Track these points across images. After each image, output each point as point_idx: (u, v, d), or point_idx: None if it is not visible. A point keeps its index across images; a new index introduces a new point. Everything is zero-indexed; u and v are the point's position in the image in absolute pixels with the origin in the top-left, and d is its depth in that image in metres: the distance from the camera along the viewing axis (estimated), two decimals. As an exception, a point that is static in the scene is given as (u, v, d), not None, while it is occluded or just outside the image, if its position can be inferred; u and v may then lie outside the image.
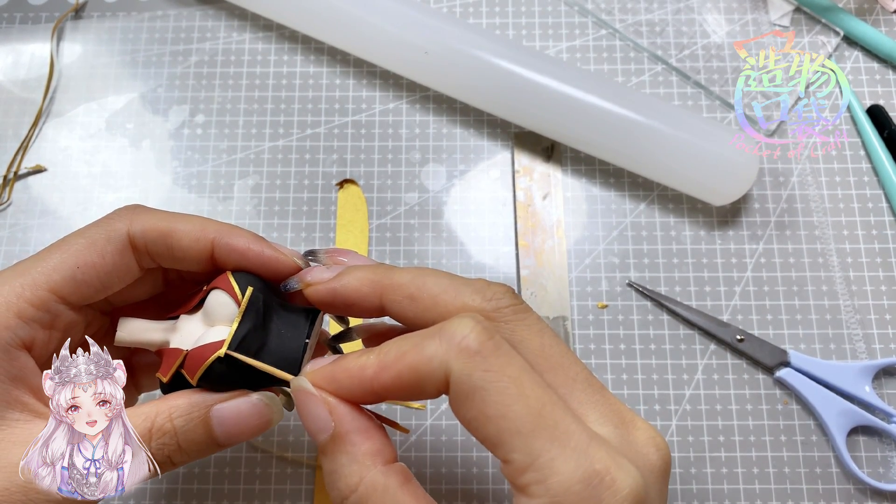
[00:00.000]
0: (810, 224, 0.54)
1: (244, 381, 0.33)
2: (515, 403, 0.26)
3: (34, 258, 0.33)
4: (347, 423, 0.29)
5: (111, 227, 0.34)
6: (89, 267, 0.33)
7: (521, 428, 0.26)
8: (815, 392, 0.49)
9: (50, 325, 0.33)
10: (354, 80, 0.58)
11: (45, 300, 0.32)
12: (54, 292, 0.32)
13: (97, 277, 0.33)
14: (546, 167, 0.55)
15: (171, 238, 0.34)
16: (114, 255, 0.33)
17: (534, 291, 0.52)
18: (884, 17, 0.58)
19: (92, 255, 0.33)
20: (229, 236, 0.34)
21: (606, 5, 0.59)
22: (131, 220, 0.34)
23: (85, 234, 0.34)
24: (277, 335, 0.33)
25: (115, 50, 0.59)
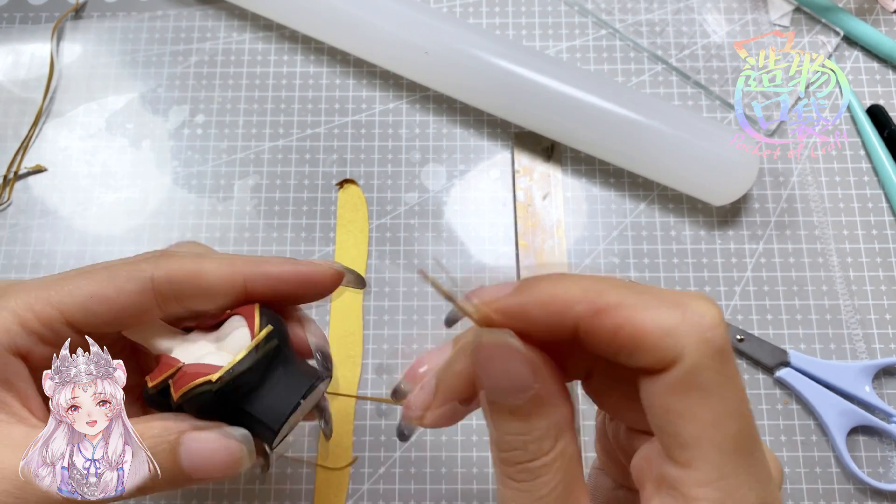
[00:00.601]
0: (810, 224, 0.54)
1: (226, 415, 0.32)
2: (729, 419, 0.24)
3: (59, 276, 0.33)
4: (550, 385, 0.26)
5: (137, 266, 0.33)
6: (102, 299, 0.32)
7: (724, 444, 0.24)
8: (815, 392, 0.49)
9: (52, 343, 0.32)
10: (354, 80, 0.58)
11: (50, 319, 0.32)
12: (62, 314, 0.32)
13: (108, 311, 0.33)
14: (546, 167, 0.55)
15: (200, 278, 0.33)
16: (130, 294, 0.33)
17: None
18: (884, 16, 0.58)
19: (108, 289, 0.33)
20: (262, 265, 0.33)
21: (606, 5, 0.59)
22: (157, 263, 0.33)
23: (111, 266, 0.33)
24: (274, 385, 0.32)
25: (115, 50, 0.59)
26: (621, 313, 0.24)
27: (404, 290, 0.53)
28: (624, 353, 0.24)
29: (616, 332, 0.24)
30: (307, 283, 0.34)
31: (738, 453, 0.24)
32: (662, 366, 0.24)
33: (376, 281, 0.53)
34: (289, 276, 0.34)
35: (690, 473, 0.24)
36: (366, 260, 0.53)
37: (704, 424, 0.24)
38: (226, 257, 0.34)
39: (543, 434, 0.25)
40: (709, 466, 0.24)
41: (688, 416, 0.24)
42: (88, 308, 0.32)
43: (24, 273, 0.53)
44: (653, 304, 0.24)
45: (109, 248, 0.54)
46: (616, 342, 0.24)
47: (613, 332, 0.24)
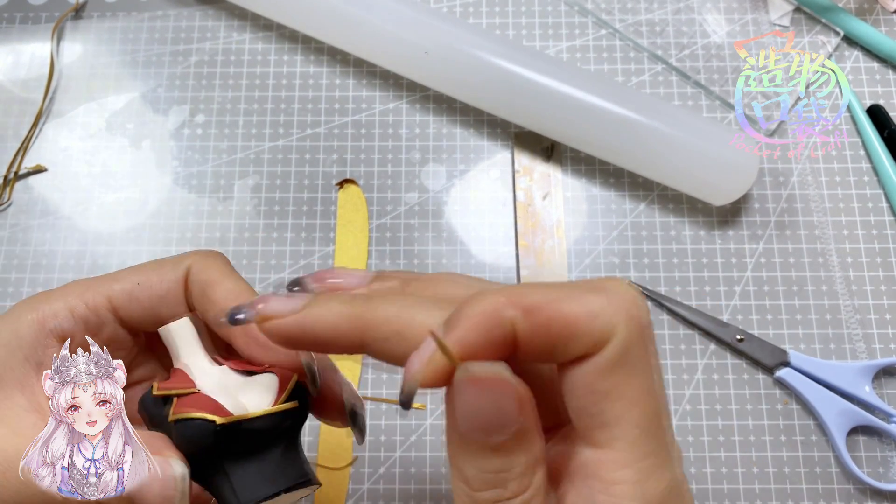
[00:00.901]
0: (810, 224, 0.54)
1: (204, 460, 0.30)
2: (649, 397, 0.24)
3: (110, 274, 0.34)
4: (533, 417, 0.24)
5: (180, 260, 0.34)
6: (146, 286, 0.33)
7: (641, 423, 0.24)
8: (814, 392, 0.49)
9: (94, 332, 0.33)
10: (354, 80, 0.58)
11: (97, 304, 0.33)
12: (110, 300, 0.33)
13: (149, 298, 0.33)
14: (546, 167, 0.55)
15: (210, 287, 0.33)
16: (169, 283, 0.34)
17: None
18: (884, 16, 0.58)
19: (153, 276, 0.34)
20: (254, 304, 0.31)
21: (606, 5, 0.59)
22: (197, 260, 0.34)
23: (160, 261, 0.35)
24: (265, 463, 0.30)
25: (115, 50, 0.59)
26: (550, 307, 0.24)
27: (404, 290, 0.53)
28: (559, 346, 0.24)
29: (549, 327, 0.24)
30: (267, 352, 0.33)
31: (654, 433, 0.25)
32: (595, 348, 0.24)
33: (376, 281, 0.53)
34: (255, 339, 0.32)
35: (609, 454, 0.24)
36: (366, 260, 0.53)
37: (628, 402, 0.24)
38: (238, 285, 0.34)
39: (524, 470, 0.24)
40: (629, 446, 0.24)
41: (614, 394, 0.24)
42: (133, 294, 0.33)
43: (24, 273, 0.53)
44: (576, 294, 0.24)
45: (110, 248, 0.54)
46: (550, 337, 0.24)
47: (546, 328, 0.24)
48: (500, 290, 0.25)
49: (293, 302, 0.28)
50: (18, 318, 0.32)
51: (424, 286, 0.29)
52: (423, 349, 0.25)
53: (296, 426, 0.31)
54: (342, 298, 0.28)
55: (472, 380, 0.24)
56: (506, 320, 0.24)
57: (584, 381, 0.24)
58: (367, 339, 0.27)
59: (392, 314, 0.26)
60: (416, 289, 0.29)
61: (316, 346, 0.28)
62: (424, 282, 0.29)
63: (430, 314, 0.26)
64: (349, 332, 0.27)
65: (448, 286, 0.29)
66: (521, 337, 0.24)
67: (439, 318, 0.25)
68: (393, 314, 0.26)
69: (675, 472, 0.25)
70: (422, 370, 0.24)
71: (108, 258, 0.53)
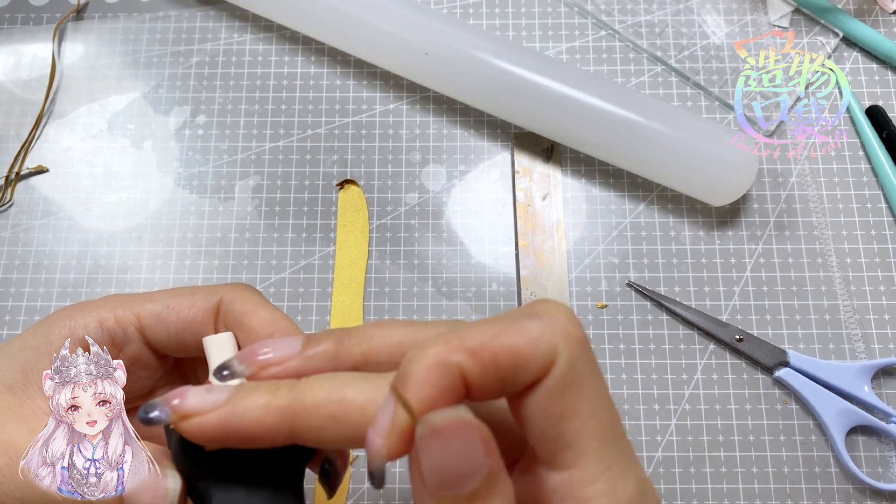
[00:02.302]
0: (809, 224, 0.54)
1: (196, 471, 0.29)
2: (602, 407, 0.25)
3: (151, 292, 0.35)
4: (499, 456, 0.23)
5: (214, 290, 0.34)
6: (175, 310, 0.34)
7: (603, 434, 0.24)
8: (814, 392, 0.49)
9: (119, 347, 0.33)
10: (355, 81, 0.58)
11: (125, 321, 0.33)
12: (138, 318, 0.33)
13: (176, 322, 0.34)
14: (546, 168, 0.55)
15: (246, 317, 0.33)
16: (199, 311, 0.34)
17: (534, 291, 0.52)
18: (882, 17, 0.58)
19: (184, 302, 0.34)
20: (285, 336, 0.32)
21: (606, 6, 0.59)
22: (230, 290, 0.34)
23: (195, 288, 0.35)
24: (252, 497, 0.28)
25: (116, 51, 0.59)
26: (493, 344, 0.24)
27: (404, 290, 0.53)
28: (509, 378, 0.24)
29: (495, 363, 0.24)
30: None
31: (614, 440, 0.25)
32: (543, 373, 0.24)
33: (376, 281, 0.53)
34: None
35: (577, 473, 0.24)
36: (366, 260, 0.53)
37: (584, 418, 0.24)
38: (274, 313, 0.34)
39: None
40: (594, 460, 0.24)
41: (569, 413, 0.24)
42: (161, 316, 0.33)
43: (25, 273, 0.53)
44: (513, 324, 0.24)
45: (111, 249, 0.54)
46: (499, 372, 0.24)
47: (493, 364, 0.24)
48: (438, 337, 0.24)
49: (213, 396, 0.26)
50: (54, 324, 0.33)
51: (359, 341, 0.28)
52: (378, 422, 0.24)
53: (295, 469, 0.29)
54: (267, 388, 0.26)
55: (436, 431, 0.23)
56: (453, 366, 0.24)
57: (538, 407, 0.24)
58: (300, 428, 0.25)
59: (322, 398, 0.25)
60: (351, 346, 0.28)
61: (243, 443, 0.26)
62: (358, 336, 0.28)
63: (361, 390, 0.25)
64: (279, 424, 0.25)
65: (383, 336, 0.28)
66: (471, 378, 0.24)
67: (372, 391, 0.25)
68: (323, 398, 0.25)
69: (638, 471, 0.25)
70: (385, 442, 0.23)
71: (110, 258, 0.54)
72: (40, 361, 0.32)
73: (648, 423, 0.50)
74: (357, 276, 0.53)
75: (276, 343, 0.28)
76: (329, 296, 0.53)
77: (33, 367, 0.32)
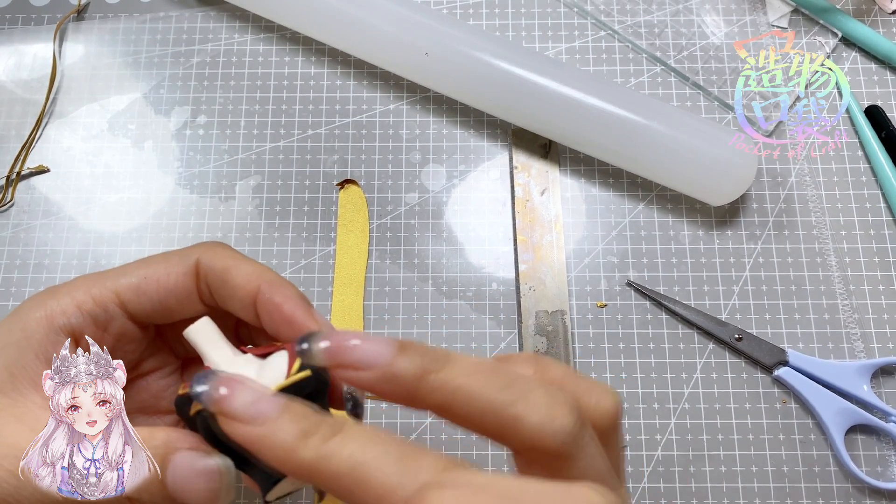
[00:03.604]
0: (808, 224, 0.54)
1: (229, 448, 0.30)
2: None
3: (116, 267, 0.35)
4: None
5: (187, 252, 0.35)
6: (153, 280, 0.34)
7: None
8: (813, 391, 0.49)
9: (103, 327, 0.33)
10: (355, 82, 0.58)
11: (105, 299, 0.33)
12: (116, 294, 0.33)
13: (157, 291, 0.34)
14: (544, 164, 0.55)
15: (228, 273, 0.34)
16: (178, 276, 0.34)
17: (532, 286, 0.52)
18: (881, 18, 0.58)
19: (160, 270, 0.34)
20: (273, 287, 0.33)
21: (606, 7, 0.59)
22: (205, 250, 0.35)
23: (166, 254, 0.35)
24: None
25: (116, 51, 0.59)
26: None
27: (404, 290, 0.53)
28: None
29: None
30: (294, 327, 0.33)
31: None
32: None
33: (376, 281, 0.53)
34: (283, 316, 0.33)
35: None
36: (366, 260, 0.53)
37: None
38: (260, 266, 0.34)
39: None
40: None
41: None
42: (140, 288, 0.33)
43: (26, 273, 0.53)
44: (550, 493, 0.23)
45: (112, 249, 0.54)
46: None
47: None
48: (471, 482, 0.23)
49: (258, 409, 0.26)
50: (27, 316, 0.32)
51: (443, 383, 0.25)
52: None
53: (315, 394, 0.30)
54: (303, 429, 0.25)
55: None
56: None
57: None
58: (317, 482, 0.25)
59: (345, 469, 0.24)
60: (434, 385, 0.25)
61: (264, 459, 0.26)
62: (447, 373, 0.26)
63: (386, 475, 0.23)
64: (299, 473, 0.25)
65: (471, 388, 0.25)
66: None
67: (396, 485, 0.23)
68: (346, 470, 0.24)
69: None
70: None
71: (111, 258, 0.54)
72: (24, 357, 0.31)
73: (648, 422, 0.50)
74: (357, 275, 0.53)
75: (368, 342, 0.26)
76: (329, 295, 0.53)
77: (17, 363, 0.31)
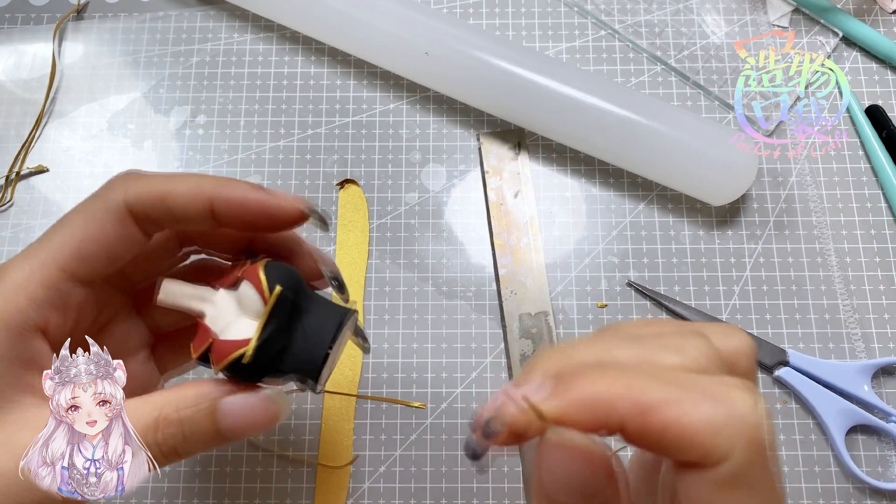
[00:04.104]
0: (809, 224, 0.54)
1: (266, 374, 0.32)
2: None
3: (38, 241, 0.32)
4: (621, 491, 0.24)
5: (108, 197, 0.33)
6: (92, 241, 0.32)
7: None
8: (814, 391, 0.49)
9: (63, 306, 0.32)
10: (355, 81, 0.58)
11: (54, 279, 0.31)
12: (63, 270, 0.32)
13: (102, 250, 0.32)
14: (515, 165, 0.55)
15: (167, 200, 0.33)
16: (114, 226, 0.32)
17: (514, 290, 0.52)
18: (882, 17, 0.58)
19: (93, 229, 0.32)
20: (225, 189, 0.33)
21: (606, 6, 0.59)
22: (126, 188, 0.33)
23: (83, 208, 0.33)
24: (303, 336, 0.32)
25: (116, 51, 0.59)
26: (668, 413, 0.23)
27: (404, 290, 0.53)
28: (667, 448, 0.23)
29: (663, 432, 0.23)
30: (270, 215, 0.33)
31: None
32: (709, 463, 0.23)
33: (376, 280, 0.53)
34: (252, 205, 0.33)
35: None
36: (366, 260, 0.53)
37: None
38: (192, 177, 0.34)
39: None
40: None
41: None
42: (83, 254, 0.32)
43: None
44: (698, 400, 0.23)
45: (111, 249, 0.54)
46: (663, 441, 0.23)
47: (660, 432, 0.23)
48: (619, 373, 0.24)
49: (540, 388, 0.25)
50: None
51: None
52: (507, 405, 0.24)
53: (296, 296, 0.33)
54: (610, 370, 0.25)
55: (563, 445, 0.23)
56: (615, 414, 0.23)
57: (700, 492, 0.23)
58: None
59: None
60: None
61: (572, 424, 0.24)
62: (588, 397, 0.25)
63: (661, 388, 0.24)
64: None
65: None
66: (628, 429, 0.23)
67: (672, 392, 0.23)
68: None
69: None
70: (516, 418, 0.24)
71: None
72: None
73: None
74: (357, 275, 0.53)
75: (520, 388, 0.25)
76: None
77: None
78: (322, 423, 0.50)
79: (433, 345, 0.52)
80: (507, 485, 0.49)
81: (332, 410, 0.50)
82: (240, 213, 0.33)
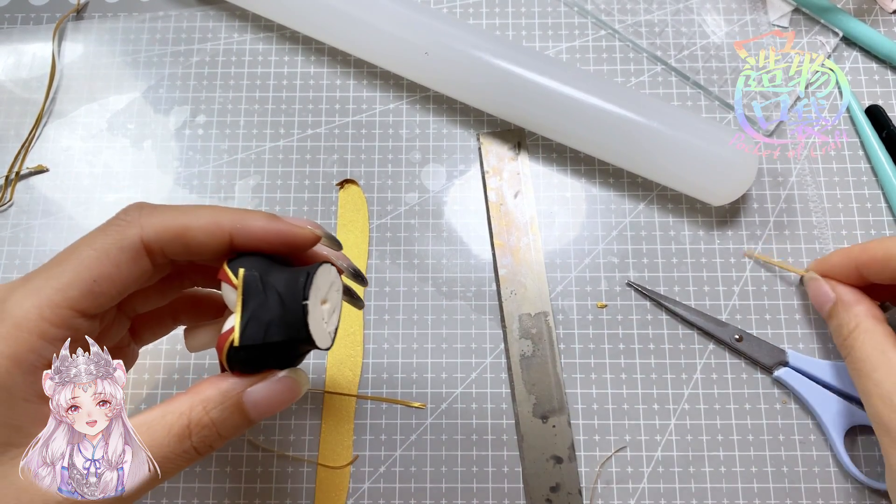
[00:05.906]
0: (809, 224, 0.54)
1: (267, 358, 0.34)
2: None
3: (46, 272, 0.32)
4: (844, 294, 0.46)
5: (123, 234, 0.33)
6: (106, 279, 0.32)
7: None
8: (813, 391, 0.49)
9: (73, 339, 0.32)
10: (355, 81, 0.58)
11: (65, 318, 0.31)
12: (73, 308, 0.31)
13: (114, 288, 0.33)
14: (514, 165, 0.55)
15: (185, 237, 0.33)
16: (129, 264, 0.33)
17: (514, 290, 0.52)
18: (882, 17, 0.58)
19: (107, 267, 0.32)
20: (243, 222, 0.34)
21: (606, 6, 0.59)
22: (142, 224, 0.33)
23: (96, 243, 0.33)
24: (281, 303, 0.33)
25: (116, 50, 0.59)
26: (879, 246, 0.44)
27: (404, 290, 0.53)
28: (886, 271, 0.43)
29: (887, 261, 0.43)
30: (287, 241, 0.35)
31: None
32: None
33: (376, 281, 0.53)
34: (271, 236, 0.34)
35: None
36: (366, 260, 0.53)
37: None
38: (208, 210, 0.34)
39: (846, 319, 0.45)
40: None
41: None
42: (94, 291, 0.32)
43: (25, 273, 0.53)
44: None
45: (111, 248, 0.54)
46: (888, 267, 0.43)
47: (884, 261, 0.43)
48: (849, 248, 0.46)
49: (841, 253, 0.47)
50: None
51: None
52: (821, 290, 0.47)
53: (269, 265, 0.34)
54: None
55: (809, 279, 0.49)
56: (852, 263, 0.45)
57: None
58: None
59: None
60: None
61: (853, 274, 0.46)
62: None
63: None
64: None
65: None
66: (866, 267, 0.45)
67: None
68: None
69: None
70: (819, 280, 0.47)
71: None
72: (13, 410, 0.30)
73: (648, 422, 0.50)
74: (357, 275, 0.53)
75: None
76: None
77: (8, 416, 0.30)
78: (322, 423, 0.50)
79: (433, 345, 0.52)
80: (507, 485, 0.49)
81: (332, 410, 0.50)
82: (259, 244, 0.34)
